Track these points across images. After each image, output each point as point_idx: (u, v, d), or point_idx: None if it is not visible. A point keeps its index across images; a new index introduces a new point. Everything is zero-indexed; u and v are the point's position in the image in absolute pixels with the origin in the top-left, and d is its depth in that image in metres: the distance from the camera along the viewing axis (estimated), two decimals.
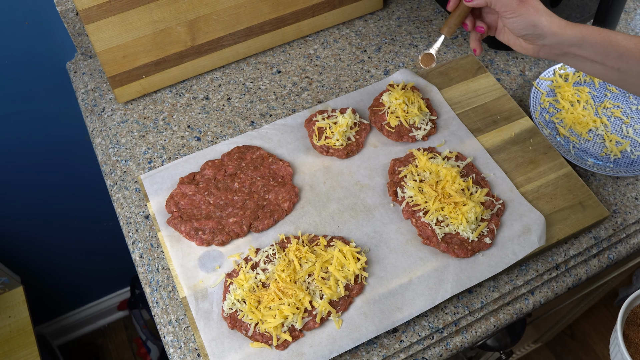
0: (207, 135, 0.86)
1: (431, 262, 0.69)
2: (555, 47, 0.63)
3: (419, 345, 0.68)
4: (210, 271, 0.70)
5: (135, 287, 1.54)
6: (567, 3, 0.92)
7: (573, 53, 0.63)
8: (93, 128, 0.89)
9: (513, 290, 0.72)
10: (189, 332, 0.68)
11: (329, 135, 0.80)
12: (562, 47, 0.63)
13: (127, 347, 1.69)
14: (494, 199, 0.74)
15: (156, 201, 0.76)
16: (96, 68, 0.97)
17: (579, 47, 0.62)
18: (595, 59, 0.63)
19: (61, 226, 1.30)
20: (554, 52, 0.64)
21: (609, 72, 0.63)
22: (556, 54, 0.65)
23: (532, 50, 0.66)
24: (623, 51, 0.61)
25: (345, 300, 0.66)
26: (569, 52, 0.63)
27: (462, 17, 0.68)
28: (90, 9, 0.79)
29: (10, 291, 1.21)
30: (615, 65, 0.62)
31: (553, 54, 0.65)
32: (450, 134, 0.82)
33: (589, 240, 0.75)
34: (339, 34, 1.00)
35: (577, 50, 0.63)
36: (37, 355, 1.15)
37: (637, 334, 0.69)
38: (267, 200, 0.75)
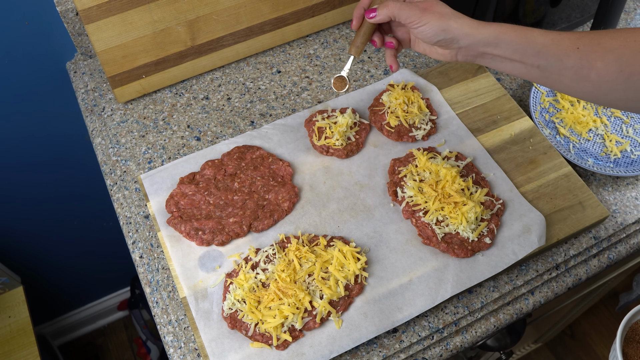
0: (207, 135, 0.86)
1: (431, 262, 0.69)
2: (472, 49, 0.61)
3: (419, 345, 0.68)
4: (210, 271, 0.70)
5: (135, 287, 1.54)
6: (567, 3, 0.92)
7: (490, 53, 0.61)
8: (93, 128, 0.89)
9: (513, 290, 0.72)
10: (189, 332, 0.68)
11: (329, 135, 0.80)
12: (478, 48, 0.61)
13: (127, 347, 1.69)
14: (493, 198, 0.74)
15: (156, 201, 0.76)
16: (96, 68, 0.97)
17: (495, 46, 0.60)
18: (514, 58, 0.60)
19: (61, 226, 1.30)
20: (471, 54, 0.62)
21: (529, 71, 0.61)
22: (474, 56, 0.62)
23: (450, 55, 0.64)
24: (540, 48, 0.58)
25: (345, 300, 0.66)
26: (486, 52, 0.61)
27: (368, 34, 0.66)
28: (90, 9, 0.79)
29: (10, 291, 1.21)
30: (534, 62, 0.59)
31: (471, 56, 0.62)
32: (450, 134, 0.82)
33: (589, 240, 0.75)
34: (339, 34, 1.00)
35: (494, 49, 0.60)
36: (37, 356, 1.15)
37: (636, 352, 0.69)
38: (267, 200, 0.75)
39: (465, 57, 0.63)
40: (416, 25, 0.61)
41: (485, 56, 0.62)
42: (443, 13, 0.61)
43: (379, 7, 0.63)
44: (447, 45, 0.62)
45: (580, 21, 0.97)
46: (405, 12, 0.61)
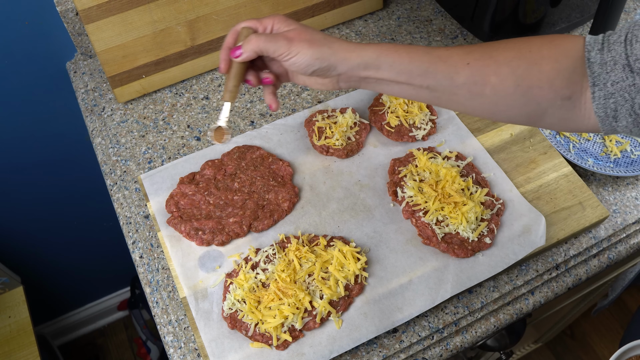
0: (207, 134, 0.86)
1: (431, 262, 0.69)
2: (352, 74, 0.56)
3: (419, 345, 0.68)
4: (210, 271, 0.70)
5: (135, 287, 1.54)
6: (567, 3, 0.92)
7: (373, 77, 0.56)
8: (93, 128, 0.89)
9: (513, 290, 0.72)
10: (189, 332, 0.68)
11: (329, 135, 0.80)
12: (359, 72, 0.56)
13: (127, 347, 1.69)
14: (493, 198, 0.74)
15: (156, 201, 0.76)
16: (96, 68, 0.97)
17: (377, 68, 0.55)
18: (400, 80, 0.55)
19: (61, 226, 1.30)
20: (353, 79, 0.57)
21: (419, 92, 0.56)
22: (356, 81, 0.58)
23: (331, 83, 0.59)
24: (427, 67, 0.54)
25: (345, 300, 0.66)
26: (369, 76, 0.56)
27: (240, 75, 0.59)
28: (90, 8, 0.79)
29: (10, 291, 1.21)
30: (423, 83, 0.54)
31: (353, 81, 0.58)
32: (450, 134, 0.82)
33: (589, 240, 0.75)
34: (338, 34, 1.00)
35: (376, 72, 0.55)
36: (37, 356, 1.15)
37: None
38: (267, 200, 0.75)
39: (348, 83, 0.58)
40: (286, 57, 0.55)
41: (368, 80, 0.57)
42: (313, 40, 0.55)
43: (243, 43, 0.57)
44: (325, 73, 0.57)
45: (580, 21, 0.97)
46: (272, 44, 0.55)
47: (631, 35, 0.49)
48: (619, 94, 0.49)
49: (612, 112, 0.50)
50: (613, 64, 0.49)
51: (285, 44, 0.55)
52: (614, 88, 0.49)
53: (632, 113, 0.49)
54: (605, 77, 0.50)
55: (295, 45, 0.55)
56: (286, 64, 0.57)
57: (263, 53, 0.57)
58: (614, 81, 0.49)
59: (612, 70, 0.49)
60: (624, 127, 0.51)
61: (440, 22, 1.01)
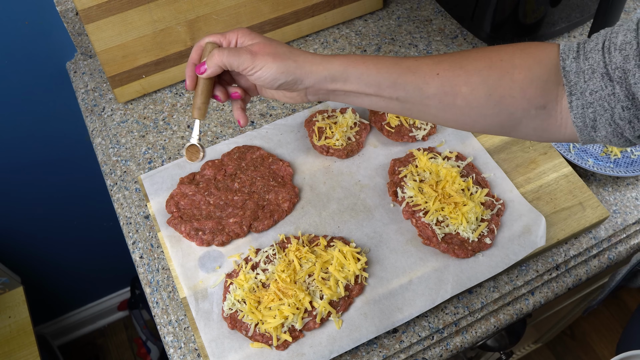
0: (207, 135, 0.86)
1: (431, 263, 0.69)
2: (319, 87, 0.55)
3: (419, 345, 0.68)
4: (210, 271, 0.70)
5: (135, 288, 1.54)
6: (567, 3, 0.92)
7: (341, 89, 0.55)
8: (93, 128, 0.89)
9: (513, 291, 0.72)
10: (189, 333, 0.68)
11: (329, 135, 0.80)
12: (326, 85, 0.54)
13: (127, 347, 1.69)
14: (494, 199, 0.74)
15: (156, 201, 0.76)
16: (96, 68, 0.97)
17: (345, 81, 0.54)
18: (369, 92, 0.54)
19: (61, 226, 1.30)
20: (321, 92, 0.56)
21: (389, 104, 0.55)
22: (324, 94, 0.57)
23: (299, 97, 0.58)
24: (396, 78, 0.52)
25: (345, 300, 0.66)
26: (337, 88, 0.55)
27: (207, 92, 0.58)
28: (90, 8, 0.79)
29: (10, 291, 1.21)
30: (392, 94, 0.53)
31: (321, 94, 0.57)
32: (450, 134, 0.82)
33: (589, 240, 0.75)
34: (338, 34, 1.00)
35: (344, 85, 0.54)
36: (37, 356, 1.15)
37: None
38: (267, 201, 0.75)
39: (316, 96, 0.58)
40: (251, 71, 0.54)
41: (337, 93, 0.56)
42: (277, 53, 0.54)
43: (207, 59, 0.56)
44: (291, 87, 0.56)
45: (580, 21, 0.97)
46: (235, 59, 0.54)
47: (608, 42, 0.47)
48: (598, 103, 0.48)
49: (590, 122, 0.49)
50: (591, 73, 0.48)
51: (249, 58, 0.54)
52: (593, 97, 0.48)
53: (612, 123, 0.48)
54: (582, 86, 0.49)
55: (259, 59, 0.54)
56: (251, 79, 0.55)
57: (227, 68, 0.55)
58: (592, 90, 0.48)
59: (590, 79, 0.48)
60: (603, 137, 0.50)
61: (440, 22, 1.01)
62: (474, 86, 0.51)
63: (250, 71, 0.54)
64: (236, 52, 0.54)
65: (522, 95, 0.50)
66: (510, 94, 0.51)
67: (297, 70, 0.54)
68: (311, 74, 0.54)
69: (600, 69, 0.48)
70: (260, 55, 0.54)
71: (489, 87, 0.51)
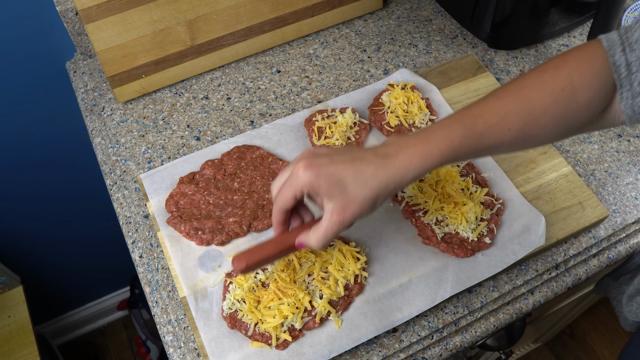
0: (206, 134, 0.86)
1: (431, 262, 0.69)
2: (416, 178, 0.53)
3: (418, 345, 0.68)
4: (210, 271, 0.70)
5: (135, 287, 1.54)
6: (567, 3, 0.92)
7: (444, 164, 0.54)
8: (93, 128, 0.89)
9: (513, 290, 0.72)
10: (189, 332, 0.68)
11: (328, 135, 0.80)
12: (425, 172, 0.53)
13: (127, 346, 1.69)
14: (493, 198, 0.74)
15: (156, 201, 0.76)
16: (96, 68, 0.97)
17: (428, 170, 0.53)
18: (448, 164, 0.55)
19: (61, 226, 1.30)
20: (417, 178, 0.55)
21: None
22: None
23: None
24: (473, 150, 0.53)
25: (345, 300, 0.66)
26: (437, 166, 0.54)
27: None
28: (90, 8, 0.79)
29: (10, 291, 1.21)
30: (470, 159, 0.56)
31: None
32: None
33: (589, 240, 0.75)
34: (338, 34, 1.00)
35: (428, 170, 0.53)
36: (36, 355, 1.15)
37: None
38: (266, 200, 0.75)
39: None
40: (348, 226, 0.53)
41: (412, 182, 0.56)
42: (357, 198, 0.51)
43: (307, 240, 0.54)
44: None
45: (580, 21, 0.97)
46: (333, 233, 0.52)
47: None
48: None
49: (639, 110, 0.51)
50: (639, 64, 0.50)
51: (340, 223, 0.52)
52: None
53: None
54: (631, 77, 0.50)
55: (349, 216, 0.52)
56: None
57: None
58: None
59: (637, 71, 0.50)
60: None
61: (440, 22, 1.01)
62: (544, 126, 0.53)
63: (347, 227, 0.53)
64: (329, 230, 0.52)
65: (587, 111, 0.53)
66: (578, 117, 0.53)
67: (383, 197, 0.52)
68: (395, 189, 0.52)
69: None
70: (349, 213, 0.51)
71: (558, 119, 0.52)
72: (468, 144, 0.53)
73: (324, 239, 0.53)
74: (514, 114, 0.52)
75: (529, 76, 0.54)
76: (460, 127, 0.53)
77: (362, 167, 0.51)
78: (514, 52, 0.97)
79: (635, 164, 0.82)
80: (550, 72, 0.53)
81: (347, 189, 0.51)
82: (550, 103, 0.52)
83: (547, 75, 0.53)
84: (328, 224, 0.52)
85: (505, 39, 0.94)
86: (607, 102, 0.53)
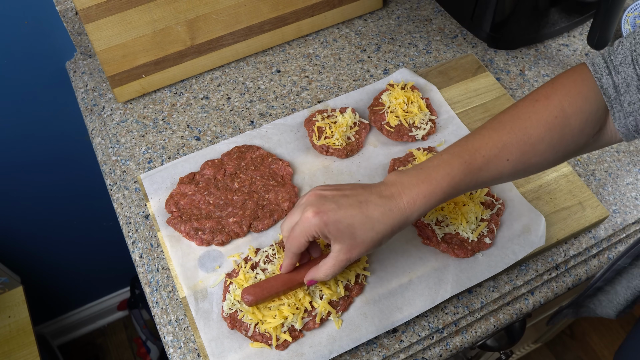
0: (206, 134, 0.86)
1: (431, 262, 0.69)
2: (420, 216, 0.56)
3: (418, 345, 0.68)
4: (210, 271, 0.70)
5: (135, 287, 1.54)
6: (567, 3, 0.92)
7: None
8: (92, 128, 0.89)
9: (513, 291, 0.72)
10: (189, 332, 0.68)
11: (328, 135, 0.80)
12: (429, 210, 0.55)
13: (127, 347, 1.69)
14: (493, 198, 0.74)
15: (156, 201, 0.76)
16: (96, 67, 0.97)
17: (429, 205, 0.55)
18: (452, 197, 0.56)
19: (61, 226, 1.30)
20: None
21: None
22: None
23: None
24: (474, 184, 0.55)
25: (345, 300, 0.66)
26: None
27: None
28: (90, 8, 0.79)
29: (10, 291, 1.21)
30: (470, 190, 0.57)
31: None
32: (450, 134, 0.82)
33: (589, 240, 0.75)
34: (338, 34, 1.00)
35: None
36: (36, 355, 1.15)
37: None
38: (266, 200, 0.75)
39: None
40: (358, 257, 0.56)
41: None
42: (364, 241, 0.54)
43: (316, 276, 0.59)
44: None
45: (580, 21, 0.97)
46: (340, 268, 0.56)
47: (636, 54, 0.50)
48: (638, 112, 0.52)
49: (633, 128, 0.53)
50: (626, 86, 0.51)
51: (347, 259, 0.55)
52: (632, 108, 0.52)
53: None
54: (620, 99, 0.52)
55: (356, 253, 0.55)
56: None
57: None
58: (630, 102, 0.52)
59: (626, 92, 0.52)
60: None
61: (440, 22, 1.01)
62: (541, 153, 0.55)
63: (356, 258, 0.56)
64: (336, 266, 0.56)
65: (581, 134, 0.55)
66: (573, 141, 0.55)
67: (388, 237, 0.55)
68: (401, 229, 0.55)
69: (635, 82, 0.51)
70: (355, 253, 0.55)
71: (554, 145, 0.55)
72: (468, 178, 0.55)
73: (332, 274, 0.57)
74: (511, 145, 0.54)
75: (522, 106, 0.56)
76: (460, 163, 0.54)
77: (368, 212, 0.53)
78: (513, 51, 0.97)
79: (635, 164, 0.82)
80: (542, 101, 0.55)
81: (355, 234, 0.54)
82: (544, 131, 0.54)
83: (539, 105, 0.55)
84: (335, 262, 0.56)
85: (505, 39, 0.94)
86: (600, 124, 0.55)
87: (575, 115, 0.53)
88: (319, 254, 0.64)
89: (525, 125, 0.54)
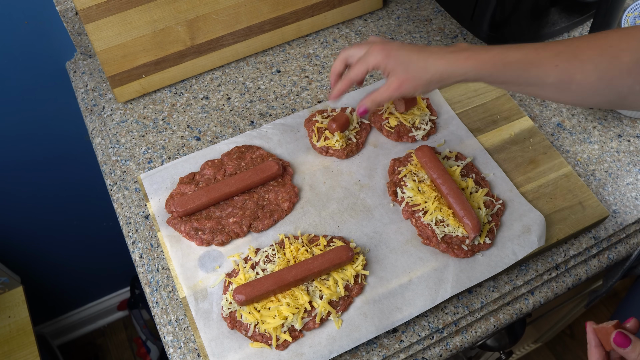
0: (206, 135, 0.86)
1: (431, 262, 0.69)
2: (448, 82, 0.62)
3: (418, 345, 0.68)
4: (210, 271, 0.70)
5: (135, 287, 1.54)
6: (567, 2, 0.92)
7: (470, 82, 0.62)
8: (93, 128, 0.89)
9: (513, 291, 0.72)
10: (189, 332, 0.68)
11: (328, 136, 0.80)
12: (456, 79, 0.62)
13: (127, 347, 1.69)
14: (493, 199, 0.74)
15: (156, 201, 0.76)
16: (96, 68, 0.97)
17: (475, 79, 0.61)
18: (494, 84, 0.62)
19: (61, 226, 1.30)
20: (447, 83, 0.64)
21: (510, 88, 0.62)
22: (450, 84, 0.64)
23: None
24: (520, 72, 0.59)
25: (345, 300, 0.66)
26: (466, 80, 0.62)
27: None
28: (90, 8, 0.79)
29: (10, 291, 1.21)
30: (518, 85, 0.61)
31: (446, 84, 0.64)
32: (450, 134, 0.82)
33: (589, 240, 0.75)
34: (338, 34, 1.00)
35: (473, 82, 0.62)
36: (36, 355, 1.15)
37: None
38: (266, 200, 0.75)
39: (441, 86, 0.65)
40: None
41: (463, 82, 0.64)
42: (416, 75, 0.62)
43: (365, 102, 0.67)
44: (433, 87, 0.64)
45: (580, 21, 0.97)
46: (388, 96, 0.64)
47: None
48: None
49: None
50: None
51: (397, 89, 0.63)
52: None
53: None
54: None
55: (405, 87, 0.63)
56: None
57: None
58: None
59: None
60: None
61: (439, 22, 1.01)
62: (587, 73, 0.57)
63: None
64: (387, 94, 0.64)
65: (629, 75, 0.56)
66: (619, 76, 0.56)
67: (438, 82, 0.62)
68: (449, 79, 0.62)
69: None
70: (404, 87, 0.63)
71: (600, 71, 0.56)
72: (517, 66, 0.59)
73: (383, 99, 0.65)
74: (565, 55, 0.58)
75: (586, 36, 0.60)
76: (515, 50, 0.60)
77: (427, 55, 0.62)
78: None
79: (635, 164, 0.82)
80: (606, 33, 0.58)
81: (409, 69, 0.62)
82: (595, 54, 0.56)
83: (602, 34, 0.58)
84: (385, 89, 0.64)
85: (505, 39, 0.94)
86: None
87: (627, 51, 0.55)
88: None
89: (581, 43, 0.58)
